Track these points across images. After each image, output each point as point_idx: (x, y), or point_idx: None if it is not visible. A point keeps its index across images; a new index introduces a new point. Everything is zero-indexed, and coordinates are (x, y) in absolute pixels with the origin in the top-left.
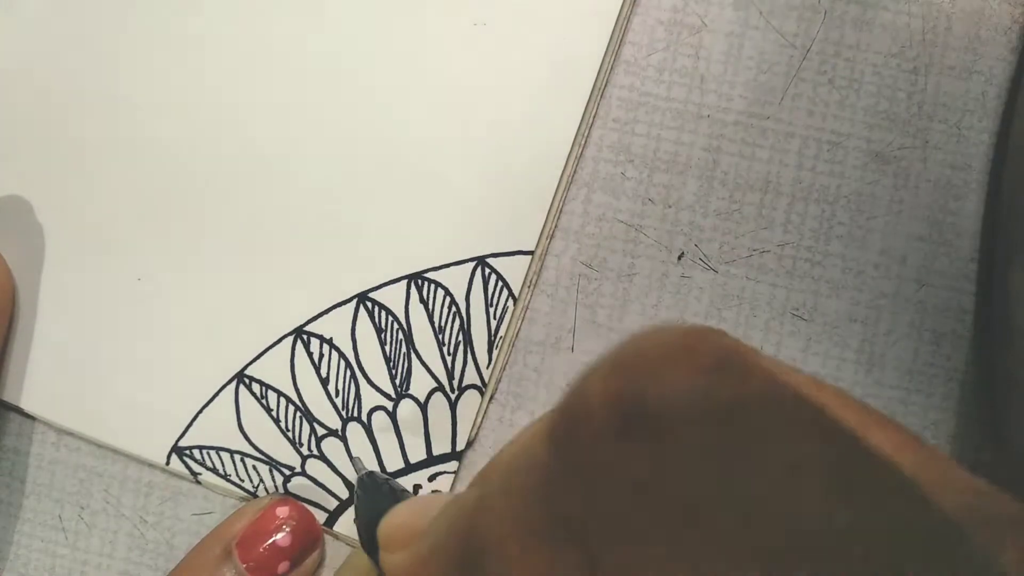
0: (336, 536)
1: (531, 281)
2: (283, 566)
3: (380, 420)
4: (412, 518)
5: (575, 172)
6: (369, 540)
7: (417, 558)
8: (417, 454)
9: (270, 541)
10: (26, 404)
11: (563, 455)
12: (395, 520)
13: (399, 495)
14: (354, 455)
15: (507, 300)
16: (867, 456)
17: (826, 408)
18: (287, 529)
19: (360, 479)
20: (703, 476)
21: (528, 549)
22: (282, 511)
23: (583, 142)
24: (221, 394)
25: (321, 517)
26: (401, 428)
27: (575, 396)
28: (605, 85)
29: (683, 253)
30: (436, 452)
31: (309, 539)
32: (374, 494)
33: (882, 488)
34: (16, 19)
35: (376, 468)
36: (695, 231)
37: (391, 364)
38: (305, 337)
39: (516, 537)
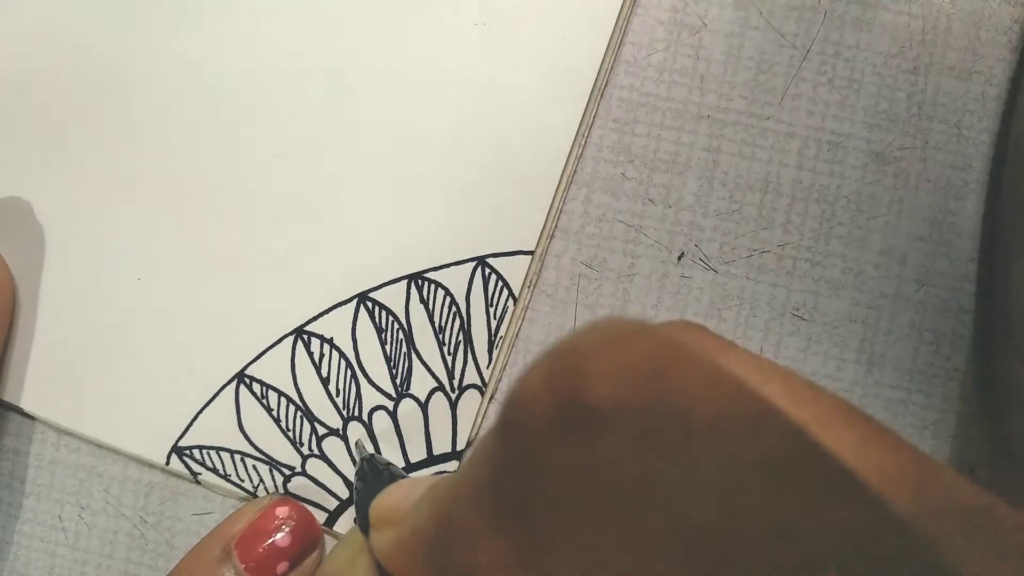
0: (336, 536)
1: (531, 281)
2: (282, 566)
3: (381, 420)
4: (400, 498)
5: (575, 172)
6: (364, 520)
7: (399, 537)
8: (418, 454)
9: (269, 541)
10: (26, 404)
11: (507, 445)
12: (385, 501)
13: (397, 479)
14: (357, 439)
15: (507, 300)
16: (807, 453)
17: (766, 402)
18: (286, 529)
19: (361, 463)
20: (634, 471)
21: (484, 532)
22: (282, 511)
23: (583, 142)
24: (221, 394)
25: (321, 517)
26: (401, 428)
27: (516, 390)
28: (605, 85)
29: (683, 253)
30: (436, 452)
31: (309, 539)
32: (374, 478)
33: (819, 485)
34: (15, 19)
35: (376, 452)
36: (695, 231)
37: (391, 364)
38: (306, 337)
39: (475, 521)
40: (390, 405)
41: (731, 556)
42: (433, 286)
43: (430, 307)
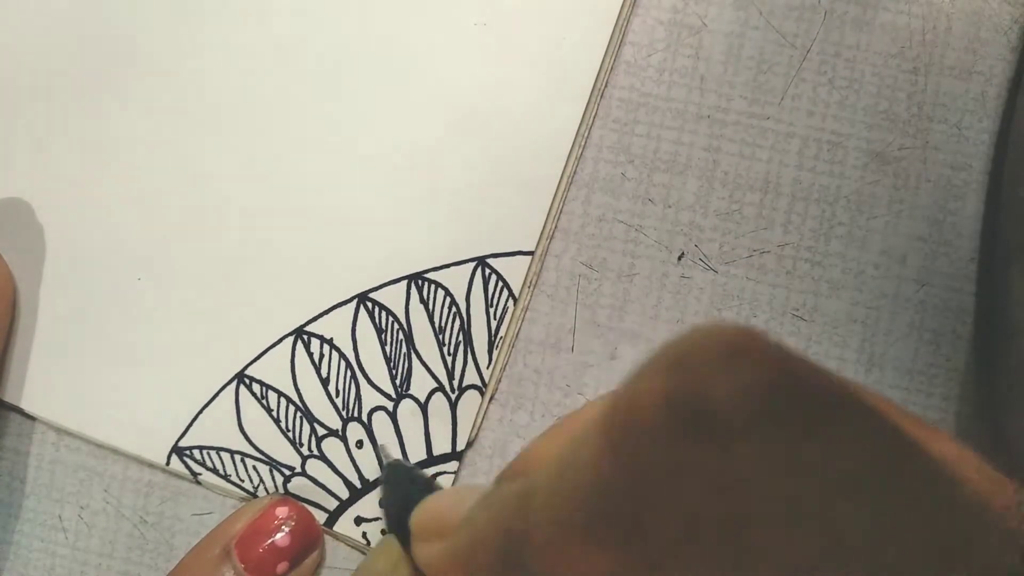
0: (336, 536)
1: (531, 281)
2: (282, 566)
3: (380, 420)
4: (446, 509)
5: (575, 172)
6: (398, 527)
7: (454, 550)
8: (417, 454)
9: (269, 541)
10: (26, 404)
11: (618, 453)
12: (429, 510)
13: (426, 483)
14: (379, 443)
15: (507, 300)
16: (925, 466)
17: (888, 415)
18: (286, 529)
19: (387, 467)
20: (767, 486)
21: (577, 550)
22: (281, 511)
23: (583, 142)
24: (221, 394)
25: (321, 517)
26: (401, 428)
27: (631, 392)
28: (605, 85)
29: (683, 253)
30: (436, 452)
31: (308, 539)
32: (401, 482)
33: (935, 499)
34: (15, 19)
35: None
36: (695, 231)
37: (391, 364)
38: (305, 337)
39: (565, 536)
40: (390, 405)
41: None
42: (433, 286)
43: (430, 307)
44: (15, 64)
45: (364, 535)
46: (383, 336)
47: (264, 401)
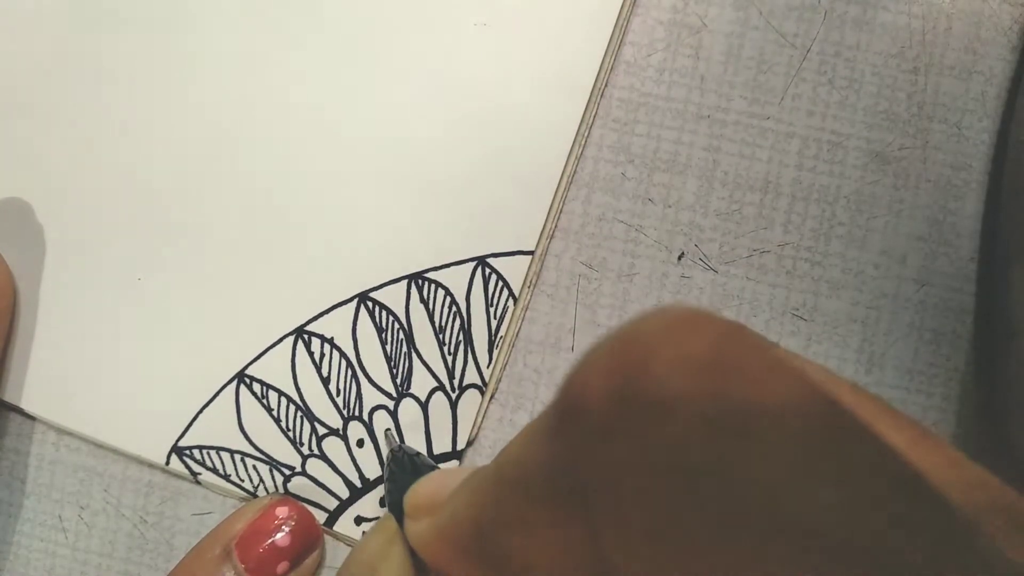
0: (336, 536)
1: (531, 281)
2: (282, 566)
3: (381, 419)
4: (436, 488)
5: (575, 172)
6: (397, 509)
7: (439, 526)
8: None
9: (269, 541)
10: (26, 404)
11: (564, 431)
12: (421, 490)
13: (427, 469)
14: (387, 429)
15: (507, 300)
16: (876, 449)
17: (833, 398)
18: (286, 529)
19: (391, 452)
20: (703, 455)
21: (535, 515)
22: (281, 511)
23: (583, 142)
24: (222, 394)
25: (321, 517)
26: (402, 427)
27: (576, 373)
28: (605, 85)
29: (683, 253)
30: (437, 451)
31: (309, 539)
32: (403, 468)
33: (887, 481)
34: (15, 20)
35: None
36: (695, 231)
37: (392, 364)
38: (306, 337)
39: (523, 504)
40: (390, 405)
41: (809, 549)
42: (433, 286)
43: (430, 307)
44: (13, 62)
45: (364, 535)
46: (384, 335)
47: (264, 400)
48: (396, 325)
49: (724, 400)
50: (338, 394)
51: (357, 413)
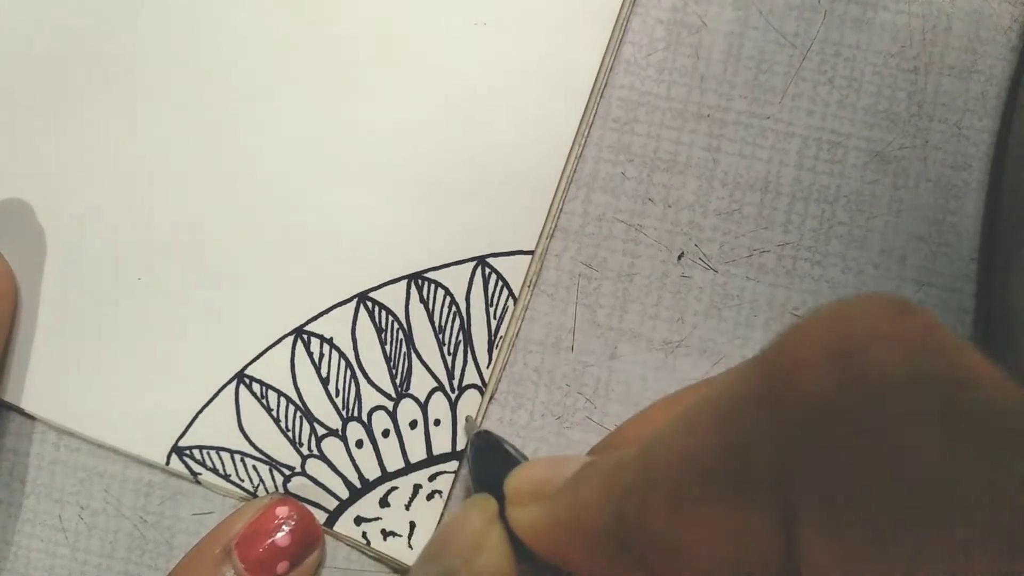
0: (336, 536)
1: (531, 281)
2: (282, 566)
3: (380, 420)
4: (544, 474)
5: (575, 172)
6: (492, 491)
7: (555, 514)
8: (417, 454)
9: (269, 541)
10: (27, 404)
11: (764, 396)
12: (525, 475)
13: (512, 454)
14: (468, 415)
15: (507, 300)
16: None
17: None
18: (286, 529)
19: (474, 437)
20: (918, 449)
21: (708, 508)
22: (281, 511)
23: (583, 142)
24: (221, 394)
25: (321, 517)
26: (401, 428)
27: (787, 346)
28: (605, 85)
29: (683, 253)
30: (436, 452)
31: (309, 539)
32: (487, 450)
33: None
34: (17, 21)
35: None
36: (695, 231)
37: (391, 364)
38: (305, 337)
39: (694, 484)
40: (390, 405)
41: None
42: (433, 286)
43: (430, 307)
44: (15, 62)
45: (364, 535)
46: (383, 335)
47: (264, 401)
48: (396, 325)
49: (936, 385)
50: (337, 395)
51: (356, 414)
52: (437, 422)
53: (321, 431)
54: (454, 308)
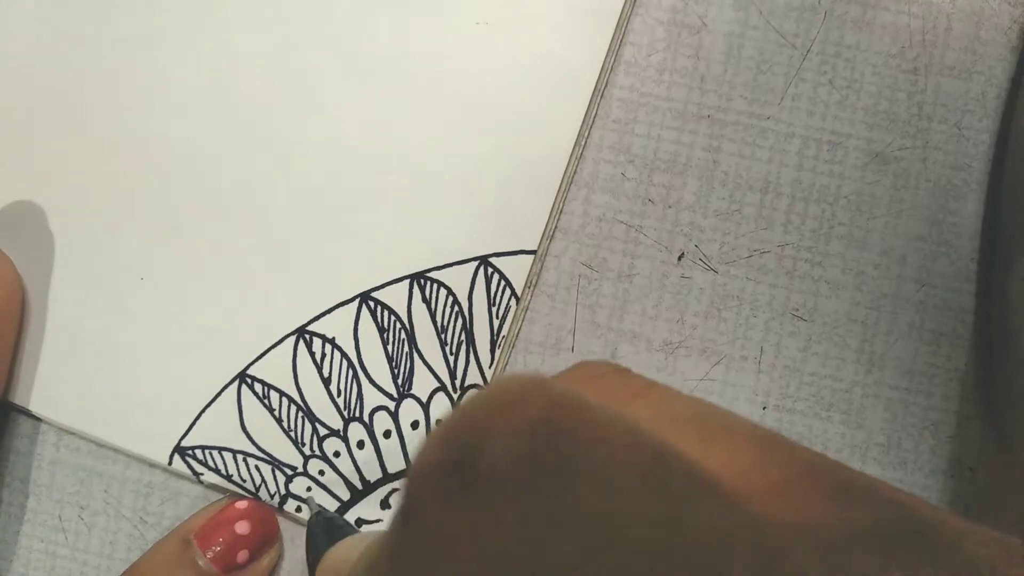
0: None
1: (531, 281)
2: (243, 555)
3: (382, 420)
4: (341, 561)
5: (575, 172)
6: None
7: None
8: None
9: (229, 530)
10: (35, 407)
11: (404, 517)
12: (328, 561)
13: (343, 531)
14: (309, 495)
15: (510, 299)
16: (683, 473)
17: (660, 444)
18: (246, 520)
19: (312, 517)
20: (526, 541)
21: None
22: (241, 504)
23: (583, 142)
24: (223, 394)
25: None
26: (402, 428)
27: (415, 461)
28: (605, 85)
29: (683, 253)
30: None
31: (268, 531)
32: (325, 532)
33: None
34: (19, 20)
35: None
36: (695, 231)
37: (393, 364)
38: (307, 337)
39: None
40: (392, 405)
41: None
42: (435, 285)
43: (432, 307)
44: (22, 65)
45: None
46: (385, 335)
47: (266, 400)
48: (398, 325)
49: (545, 469)
50: (339, 395)
51: (358, 414)
52: (439, 423)
53: (323, 431)
54: (456, 308)
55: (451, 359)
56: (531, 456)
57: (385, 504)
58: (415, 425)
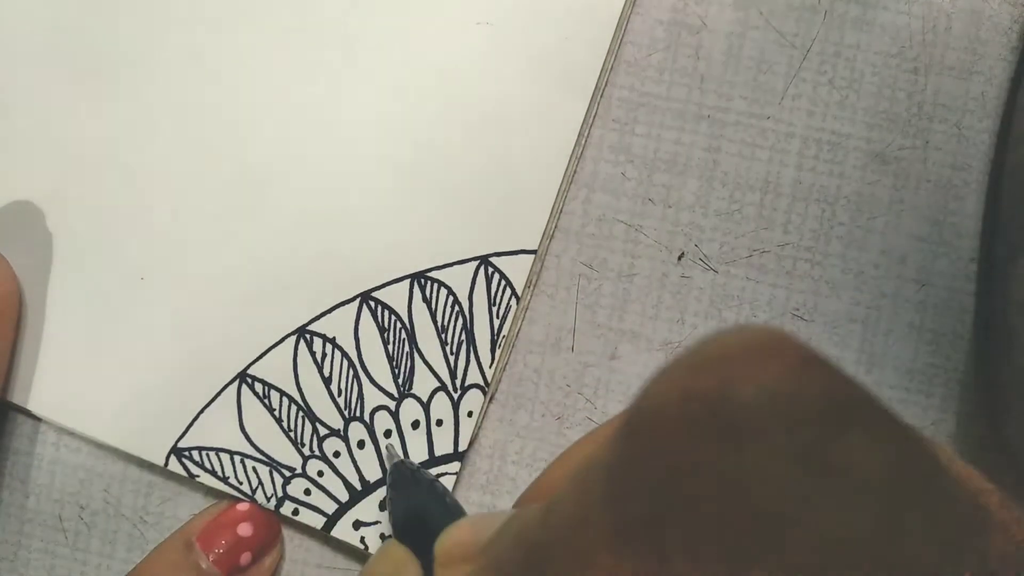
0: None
1: (532, 281)
2: (245, 557)
3: (382, 420)
4: (470, 534)
5: (575, 172)
6: (403, 535)
7: (478, 573)
8: (419, 454)
9: (231, 532)
10: (33, 406)
11: (633, 453)
12: (454, 537)
13: (431, 485)
14: (388, 443)
15: (510, 299)
16: (932, 466)
17: (906, 424)
18: (248, 522)
19: (392, 468)
20: (786, 486)
21: (603, 550)
22: (242, 506)
23: (584, 142)
24: (223, 394)
25: (319, 522)
26: (403, 428)
27: (650, 393)
28: (606, 85)
29: (683, 253)
30: (438, 452)
31: (270, 532)
32: (406, 484)
33: (939, 497)
34: (20, 22)
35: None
36: (695, 231)
37: (394, 363)
38: (308, 336)
39: (588, 539)
40: (392, 405)
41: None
42: (436, 285)
43: (433, 306)
44: (21, 64)
45: (362, 539)
46: (386, 335)
47: (266, 400)
48: (398, 325)
49: (811, 425)
50: (339, 394)
51: (358, 414)
52: (439, 422)
53: (323, 431)
54: (457, 307)
55: (451, 359)
56: (795, 400)
57: (384, 505)
58: (415, 425)
